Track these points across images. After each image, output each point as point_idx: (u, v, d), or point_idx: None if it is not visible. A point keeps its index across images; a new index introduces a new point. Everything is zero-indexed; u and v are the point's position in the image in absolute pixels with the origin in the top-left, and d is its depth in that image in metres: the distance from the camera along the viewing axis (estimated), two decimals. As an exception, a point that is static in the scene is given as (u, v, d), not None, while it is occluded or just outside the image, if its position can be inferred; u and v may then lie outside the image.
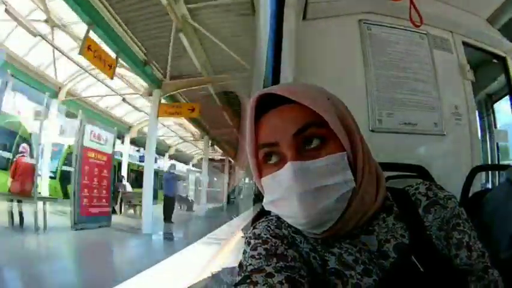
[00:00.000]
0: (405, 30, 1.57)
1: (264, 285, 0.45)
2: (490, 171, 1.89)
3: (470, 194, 1.29)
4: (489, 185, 1.79)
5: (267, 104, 0.57)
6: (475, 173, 1.37)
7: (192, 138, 16.13)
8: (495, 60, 1.87)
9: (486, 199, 1.08)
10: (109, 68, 6.52)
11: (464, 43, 1.72)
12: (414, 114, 1.49)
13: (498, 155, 1.91)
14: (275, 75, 1.20)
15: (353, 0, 1.55)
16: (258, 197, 1.13)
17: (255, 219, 0.68)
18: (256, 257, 0.52)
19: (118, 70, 7.63)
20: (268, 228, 0.58)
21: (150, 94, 8.73)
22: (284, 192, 0.53)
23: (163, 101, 8.81)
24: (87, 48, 5.82)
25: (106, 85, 10.17)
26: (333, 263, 0.54)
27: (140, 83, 9.44)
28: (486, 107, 2.02)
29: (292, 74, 1.22)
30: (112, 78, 6.99)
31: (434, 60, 1.59)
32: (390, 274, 0.51)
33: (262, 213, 0.68)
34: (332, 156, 0.52)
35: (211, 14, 6.10)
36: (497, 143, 1.90)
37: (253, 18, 5.10)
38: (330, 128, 0.53)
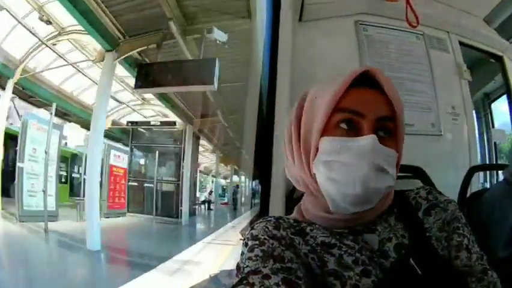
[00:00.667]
0: (402, 30, 1.58)
1: (260, 286, 0.45)
2: (488, 171, 1.90)
3: (468, 194, 1.30)
4: (487, 185, 1.79)
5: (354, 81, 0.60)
6: (472, 173, 1.37)
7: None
8: (492, 60, 1.87)
9: (484, 198, 1.09)
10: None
11: (460, 43, 1.72)
12: (411, 114, 1.49)
13: (496, 155, 1.92)
14: (271, 77, 1.20)
15: (348, 2, 1.55)
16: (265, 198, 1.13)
17: (254, 220, 0.68)
18: (253, 258, 0.52)
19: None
20: (266, 229, 0.58)
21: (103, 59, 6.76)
22: (353, 158, 0.54)
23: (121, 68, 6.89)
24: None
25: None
26: (332, 264, 0.54)
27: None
28: (483, 107, 2.02)
29: (288, 76, 1.22)
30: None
31: (431, 61, 1.59)
32: (388, 277, 0.52)
33: (262, 215, 0.68)
34: (394, 151, 0.57)
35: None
36: (494, 143, 1.90)
37: (250, 21, 5.08)
38: (396, 126, 0.58)
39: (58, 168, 8.22)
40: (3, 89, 7.66)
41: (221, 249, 6.40)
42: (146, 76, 5.65)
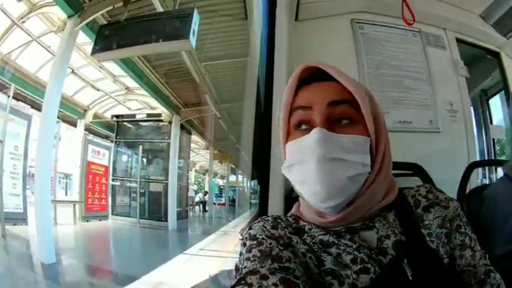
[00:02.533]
0: (398, 28, 1.58)
1: (258, 287, 0.45)
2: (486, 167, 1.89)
3: (467, 190, 1.29)
4: (486, 181, 1.79)
5: (307, 79, 0.60)
6: (471, 169, 1.37)
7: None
8: (489, 56, 1.87)
9: (485, 195, 1.08)
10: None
11: (457, 39, 1.72)
12: (409, 112, 1.49)
13: (494, 151, 1.92)
14: (268, 76, 1.20)
15: (344, 0, 1.55)
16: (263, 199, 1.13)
17: (253, 220, 0.68)
18: (251, 258, 0.52)
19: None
20: (264, 229, 0.58)
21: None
22: (304, 156, 0.54)
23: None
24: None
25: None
26: (330, 263, 0.54)
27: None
28: (481, 103, 2.02)
29: (285, 75, 1.22)
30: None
31: (428, 58, 1.59)
32: (383, 277, 0.52)
33: (260, 214, 0.68)
34: (356, 136, 0.55)
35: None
36: (493, 139, 1.90)
37: (246, 22, 5.02)
38: (361, 113, 0.56)
39: (26, 164, 6.79)
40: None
41: (209, 263, 5.19)
42: (107, 38, 4.52)
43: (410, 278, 0.50)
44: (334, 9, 1.54)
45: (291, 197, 1.06)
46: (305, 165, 0.55)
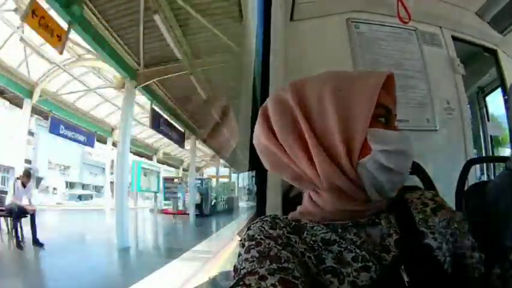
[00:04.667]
0: (394, 27, 1.58)
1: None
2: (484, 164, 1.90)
3: (465, 187, 1.30)
4: (484, 178, 1.79)
5: None
6: (469, 166, 1.37)
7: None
8: (486, 53, 1.88)
9: (487, 190, 1.08)
10: (58, 40, 5.22)
11: (453, 37, 1.72)
12: (406, 110, 1.50)
13: (492, 148, 1.92)
14: (264, 77, 1.20)
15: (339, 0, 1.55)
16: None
17: (251, 221, 0.68)
18: (250, 259, 0.52)
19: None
20: (262, 229, 0.58)
21: (123, 86, 6.94)
22: (407, 147, 0.59)
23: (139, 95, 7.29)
24: (31, 14, 4.73)
25: (80, 81, 8.48)
26: (330, 261, 0.54)
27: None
28: (478, 100, 2.02)
29: (281, 76, 1.22)
30: (60, 53, 5.64)
31: (424, 56, 1.60)
32: (383, 279, 0.52)
33: (258, 214, 0.68)
34: None
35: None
36: (490, 136, 1.90)
37: (241, 23, 5.01)
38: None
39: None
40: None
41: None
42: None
43: (406, 285, 0.50)
44: (329, 8, 1.54)
45: (288, 196, 1.06)
46: (404, 156, 0.59)
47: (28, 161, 10.85)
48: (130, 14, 5.97)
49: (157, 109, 9.13)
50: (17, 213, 5.73)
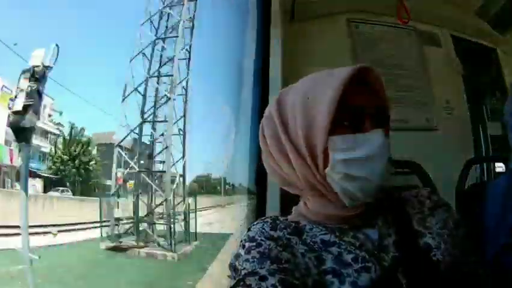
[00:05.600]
0: (393, 27, 1.58)
1: None
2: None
3: (465, 187, 1.30)
4: (484, 178, 1.79)
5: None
6: (469, 165, 1.38)
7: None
8: (485, 53, 1.88)
9: (488, 190, 1.08)
10: None
11: (453, 37, 1.73)
12: (406, 110, 1.50)
13: (491, 147, 1.91)
14: (264, 77, 1.20)
15: (339, 0, 1.56)
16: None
17: (251, 222, 0.68)
18: (250, 260, 0.52)
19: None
20: (263, 230, 0.58)
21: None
22: (371, 153, 0.54)
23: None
24: None
25: None
26: (331, 262, 0.54)
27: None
28: (477, 100, 2.02)
29: (281, 76, 1.22)
30: None
31: (423, 56, 1.60)
32: (383, 279, 0.52)
33: (258, 216, 0.68)
34: (388, 140, 0.56)
35: None
36: (490, 135, 1.90)
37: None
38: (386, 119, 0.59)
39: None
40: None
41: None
42: None
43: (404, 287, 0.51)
44: (329, 8, 1.54)
45: (288, 197, 1.06)
46: (370, 162, 0.55)
47: None
48: None
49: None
50: None
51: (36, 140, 16.90)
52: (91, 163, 20.18)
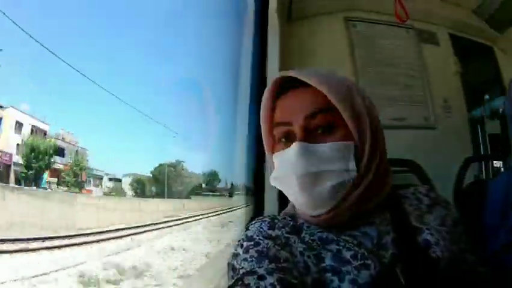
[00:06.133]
0: (391, 25, 1.58)
1: (256, 287, 0.45)
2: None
3: (463, 185, 1.30)
4: (482, 176, 1.79)
5: (284, 86, 0.59)
6: (468, 163, 1.38)
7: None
8: (483, 51, 1.88)
9: (487, 188, 1.08)
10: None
11: (450, 35, 1.73)
12: (404, 109, 1.50)
13: (490, 146, 1.91)
14: (261, 77, 1.20)
15: (337, -1, 1.55)
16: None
17: (249, 221, 0.68)
18: (249, 259, 0.52)
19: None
20: (261, 230, 0.58)
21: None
22: (287, 170, 0.55)
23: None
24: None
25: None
26: (330, 259, 0.53)
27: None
28: (475, 98, 2.02)
29: (278, 75, 1.22)
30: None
31: (422, 54, 1.60)
32: (382, 276, 0.52)
33: (256, 215, 0.68)
34: (336, 143, 0.54)
35: None
36: (488, 134, 1.90)
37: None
38: (342, 119, 0.55)
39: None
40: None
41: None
42: None
43: (403, 284, 0.50)
44: (327, 7, 1.54)
45: (286, 196, 1.06)
46: (288, 180, 0.55)
47: None
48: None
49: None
50: None
51: None
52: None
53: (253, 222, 0.62)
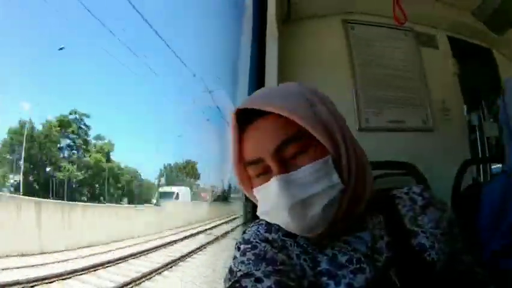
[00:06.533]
0: (390, 27, 1.58)
1: None
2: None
3: (461, 188, 1.30)
4: (480, 179, 1.79)
5: (248, 114, 0.56)
6: (466, 166, 1.38)
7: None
8: (481, 53, 1.88)
9: (483, 191, 1.08)
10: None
11: (449, 37, 1.73)
12: (402, 111, 1.50)
13: (488, 149, 1.91)
14: (259, 79, 1.20)
15: (335, 0, 1.55)
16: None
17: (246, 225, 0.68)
18: (246, 262, 0.52)
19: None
20: (258, 233, 0.58)
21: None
22: (274, 205, 0.53)
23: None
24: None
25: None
26: (326, 263, 0.54)
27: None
28: (474, 101, 2.02)
29: (276, 77, 1.22)
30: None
31: (420, 56, 1.60)
32: (377, 280, 0.51)
33: (254, 219, 0.68)
34: (314, 163, 0.52)
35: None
36: (486, 137, 1.91)
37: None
38: (311, 134, 0.53)
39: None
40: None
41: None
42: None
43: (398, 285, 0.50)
44: (325, 9, 1.54)
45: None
46: (278, 213, 0.53)
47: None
48: None
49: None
50: None
51: None
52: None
53: (250, 225, 0.63)
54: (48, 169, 19.06)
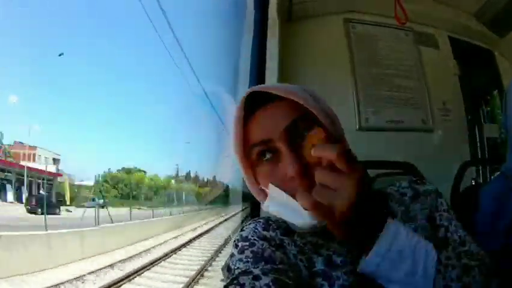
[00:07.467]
0: (391, 27, 1.58)
1: (251, 287, 0.45)
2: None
3: (460, 189, 1.30)
4: (479, 180, 1.79)
5: (251, 105, 0.56)
6: (465, 167, 1.37)
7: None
8: (482, 54, 1.88)
9: (481, 193, 1.09)
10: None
11: (450, 38, 1.73)
12: (402, 111, 1.50)
13: (488, 149, 1.91)
14: (260, 77, 1.20)
15: (337, 0, 1.55)
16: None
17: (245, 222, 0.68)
18: (244, 259, 0.52)
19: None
20: (256, 231, 0.58)
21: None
22: (281, 200, 0.52)
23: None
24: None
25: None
26: (321, 264, 0.54)
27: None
28: (474, 101, 2.02)
29: (277, 76, 1.23)
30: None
31: (421, 57, 1.60)
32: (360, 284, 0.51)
33: (252, 217, 0.68)
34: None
35: None
36: (486, 137, 1.90)
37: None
38: (315, 122, 0.52)
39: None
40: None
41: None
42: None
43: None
44: (326, 8, 1.54)
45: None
46: (297, 212, 0.51)
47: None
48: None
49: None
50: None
51: None
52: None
53: (248, 223, 0.62)
54: None
